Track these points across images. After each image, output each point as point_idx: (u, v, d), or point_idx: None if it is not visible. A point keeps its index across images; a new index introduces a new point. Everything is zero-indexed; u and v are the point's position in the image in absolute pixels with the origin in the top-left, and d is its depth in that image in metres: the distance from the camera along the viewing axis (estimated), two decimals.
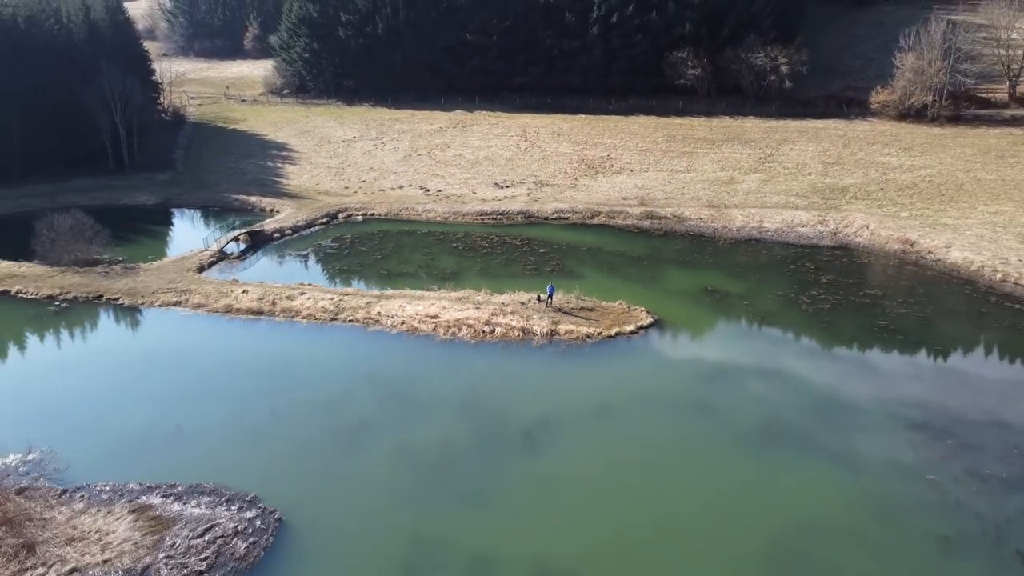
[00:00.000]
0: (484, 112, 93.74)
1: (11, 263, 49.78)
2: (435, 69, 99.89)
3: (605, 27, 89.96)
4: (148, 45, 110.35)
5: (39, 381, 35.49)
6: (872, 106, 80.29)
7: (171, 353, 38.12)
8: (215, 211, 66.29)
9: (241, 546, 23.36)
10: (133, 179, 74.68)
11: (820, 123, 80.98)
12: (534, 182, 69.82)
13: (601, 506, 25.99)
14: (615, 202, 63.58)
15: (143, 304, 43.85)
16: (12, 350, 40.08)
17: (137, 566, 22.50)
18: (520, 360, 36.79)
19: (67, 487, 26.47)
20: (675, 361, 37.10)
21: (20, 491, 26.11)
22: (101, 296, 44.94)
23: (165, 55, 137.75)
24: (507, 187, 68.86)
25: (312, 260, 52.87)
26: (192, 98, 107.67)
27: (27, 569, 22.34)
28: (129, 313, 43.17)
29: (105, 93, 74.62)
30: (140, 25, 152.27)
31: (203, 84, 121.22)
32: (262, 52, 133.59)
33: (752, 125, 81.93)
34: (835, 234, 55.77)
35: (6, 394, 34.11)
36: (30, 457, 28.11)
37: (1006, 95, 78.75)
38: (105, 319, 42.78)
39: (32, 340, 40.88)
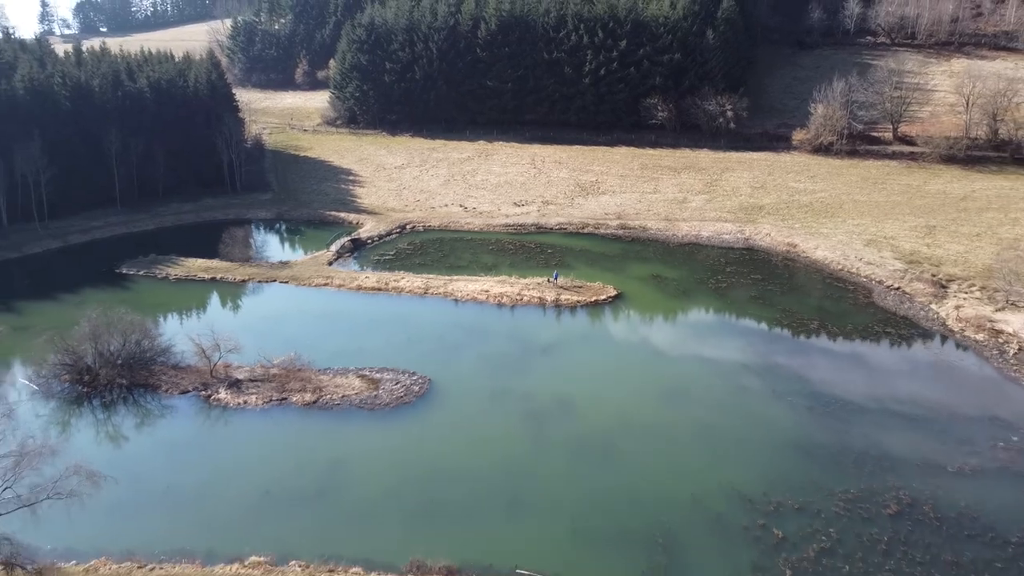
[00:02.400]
0: (501, 142, 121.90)
1: (205, 260, 77.72)
2: (461, 107, 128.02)
3: (595, 78, 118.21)
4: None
5: (268, 323, 63.37)
6: (794, 142, 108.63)
7: (336, 311, 66.12)
8: (315, 223, 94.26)
9: (416, 388, 51.34)
10: (246, 198, 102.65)
11: (756, 155, 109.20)
12: (542, 201, 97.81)
13: (582, 375, 53.85)
14: (599, 217, 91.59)
15: (304, 284, 71.86)
16: (246, 308, 68.09)
17: (371, 393, 50.44)
18: (538, 315, 64.77)
19: (319, 368, 54.31)
20: (626, 315, 65.10)
21: (298, 370, 54.00)
22: (275, 280, 72.96)
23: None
24: (522, 205, 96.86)
25: (398, 257, 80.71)
26: (263, 128, 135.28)
27: (322, 395, 50.25)
28: (297, 290, 71.14)
29: (224, 133, 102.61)
30: (200, 58, 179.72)
31: (265, 114, 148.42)
32: (311, 85, 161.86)
33: (705, 156, 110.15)
34: (747, 239, 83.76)
35: (256, 329, 61.61)
36: (292, 356, 55.78)
37: (890, 135, 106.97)
38: (285, 293, 70.82)
39: (251, 303, 68.95)
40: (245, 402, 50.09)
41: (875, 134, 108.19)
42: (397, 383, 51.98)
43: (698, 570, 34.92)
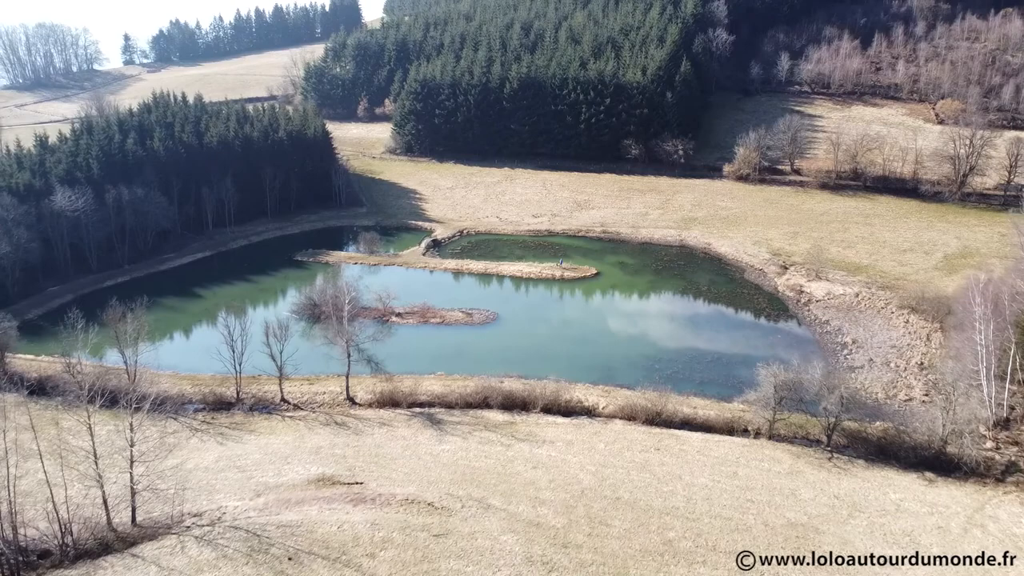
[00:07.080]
0: (521, 169, 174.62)
1: (345, 252, 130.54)
2: (491, 142, 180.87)
3: (588, 124, 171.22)
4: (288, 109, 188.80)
5: (401, 286, 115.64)
6: (725, 172, 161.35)
7: (435, 281, 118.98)
8: (403, 229, 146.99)
9: (491, 317, 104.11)
10: (350, 212, 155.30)
11: (698, 181, 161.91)
12: (551, 214, 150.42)
13: (576, 311, 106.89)
14: (589, 225, 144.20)
15: (411, 267, 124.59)
16: (384, 279, 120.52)
17: (469, 319, 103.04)
18: (551, 284, 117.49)
19: (439, 308, 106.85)
20: (601, 283, 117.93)
21: (428, 308, 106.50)
22: (393, 264, 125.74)
23: None
24: (538, 217, 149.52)
25: (463, 251, 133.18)
26: (342, 156, 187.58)
27: (445, 320, 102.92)
28: (409, 270, 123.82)
29: (335, 165, 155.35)
30: (279, 93, 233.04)
31: (338, 143, 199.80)
32: (370, 118, 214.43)
33: (663, 182, 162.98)
34: (682, 241, 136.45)
35: (396, 289, 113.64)
36: (425, 302, 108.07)
37: (789, 168, 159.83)
38: (402, 271, 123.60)
39: (386, 276, 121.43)
40: (406, 322, 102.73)
41: (779, 167, 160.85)
42: (481, 314, 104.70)
43: (621, 376, 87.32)
